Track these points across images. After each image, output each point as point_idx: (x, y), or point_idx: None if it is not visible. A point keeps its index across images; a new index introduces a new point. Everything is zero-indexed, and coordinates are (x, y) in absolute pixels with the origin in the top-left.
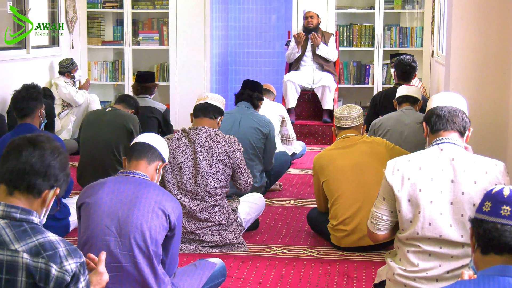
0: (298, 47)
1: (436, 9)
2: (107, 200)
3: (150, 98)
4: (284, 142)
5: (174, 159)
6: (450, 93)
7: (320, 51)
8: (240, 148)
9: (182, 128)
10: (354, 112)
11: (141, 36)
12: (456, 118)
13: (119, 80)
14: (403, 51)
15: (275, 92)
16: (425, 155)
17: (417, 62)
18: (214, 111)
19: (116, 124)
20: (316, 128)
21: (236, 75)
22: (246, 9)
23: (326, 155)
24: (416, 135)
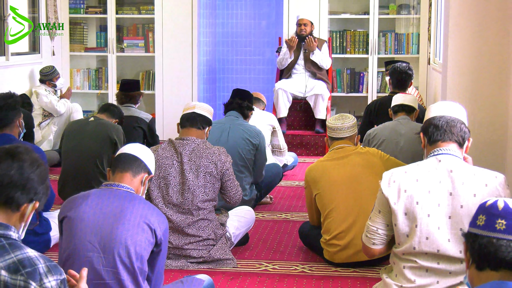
0: (290, 52)
1: (433, 14)
2: (90, 214)
3: (135, 108)
4: (275, 153)
5: (160, 171)
6: (449, 102)
7: (315, 57)
8: (229, 160)
9: (168, 139)
10: (347, 122)
11: (126, 42)
12: (454, 128)
13: (102, 88)
14: (399, 58)
15: (266, 101)
16: (423, 166)
17: (413, 69)
18: (202, 121)
19: (99, 134)
20: (308, 139)
21: (224, 83)
22: (235, 14)
23: (318, 167)
24: (412, 146)
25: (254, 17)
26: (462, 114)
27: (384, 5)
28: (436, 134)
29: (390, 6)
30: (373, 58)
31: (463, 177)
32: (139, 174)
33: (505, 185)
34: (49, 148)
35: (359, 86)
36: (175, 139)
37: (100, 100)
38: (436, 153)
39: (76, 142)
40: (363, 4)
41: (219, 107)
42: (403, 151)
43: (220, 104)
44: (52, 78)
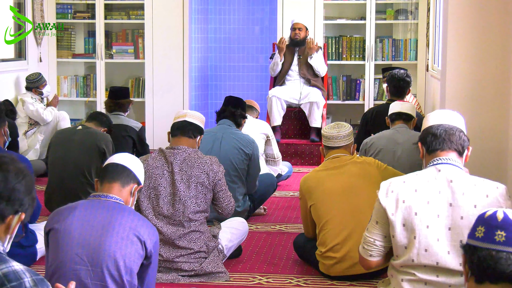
0: (280, 55)
1: (431, 20)
2: (77, 226)
3: (124, 116)
4: (269, 162)
5: (150, 181)
6: (446, 110)
7: (313, 60)
8: (222, 170)
9: (159, 148)
10: (343, 130)
11: (115, 48)
12: (453, 136)
13: (90, 96)
14: (396, 65)
15: (259, 109)
16: (421, 176)
17: (411, 76)
18: (194, 130)
19: (87, 143)
20: (303, 148)
21: (217, 91)
22: (227, 20)
23: (313, 177)
24: (410, 155)
25: (247, 23)
26: (461, 122)
27: (381, 10)
28: (434, 143)
29: (387, 11)
30: (370, 65)
31: (463, 188)
32: (128, 185)
33: (507, 196)
34: (35, 157)
35: (355, 93)
36: (165, 148)
37: (88, 108)
38: (436, 163)
39: (63, 152)
40: (360, 9)
41: (211, 115)
42: (401, 160)
43: (212, 112)
44: (39, 85)
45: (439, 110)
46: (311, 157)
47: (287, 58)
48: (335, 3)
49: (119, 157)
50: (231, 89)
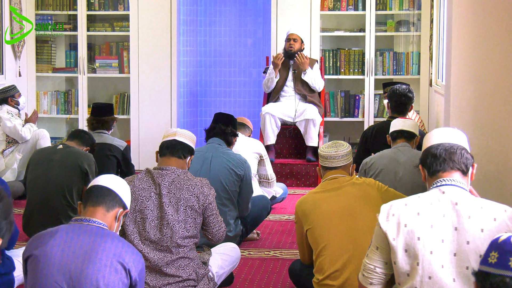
0: (275, 70)
1: (434, 32)
2: (58, 252)
3: (108, 134)
4: (263, 184)
5: (136, 204)
6: (446, 128)
7: (307, 76)
8: (212, 193)
9: (145, 169)
10: (341, 149)
11: (98, 62)
12: (455, 155)
13: (72, 113)
14: (398, 80)
15: (252, 126)
16: (424, 198)
17: (413, 92)
18: (183, 150)
19: (68, 163)
20: (298, 168)
21: (206, 107)
22: (218, 32)
23: (310, 199)
24: (412, 176)
25: (239, 35)
26: (462, 139)
27: (381, 22)
28: (435, 164)
29: (388, 22)
30: (370, 80)
31: (469, 211)
32: (113, 209)
33: None
34: (13, 178)
35: (354, 110)
36: (153, 169)
37: (70, 125)
38: (439, 184)
39: (42, 172)
40: (359, 21)
41: (200, 133)
42: (403, 181)
43: (201, 129)
44: (14, 94)
45: (439, 128)
46: (307, 178)
47: (282, 73)
48: (333, 14)
49: (105, 179)
50: (222, 105)
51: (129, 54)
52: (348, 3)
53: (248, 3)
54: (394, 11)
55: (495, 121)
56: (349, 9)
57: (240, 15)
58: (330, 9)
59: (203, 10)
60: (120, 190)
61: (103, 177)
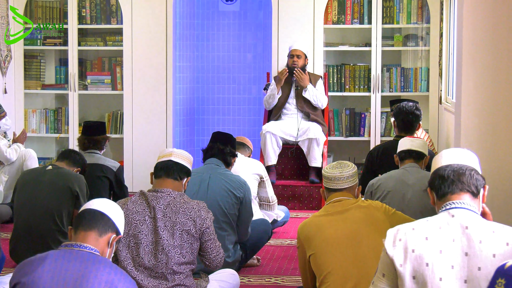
0: (278, 87)
1: (444, 46)
2: (47, 280)
3: (100, 154)
4: (263, 207)
5: (129, 228)
6: (455, 149)
7: (308, 93)
8: (210, 217)
9: (139, 191)
10: (346, 170)
11: (89, 78)
12: (463, 176)
13: (62, 132)
14: (406, 97)
15: (252, 146)
16: (433, 222)
17: (421, 109)
18: (180, 171)
19: (58, 185)
20: (301, 190)
21: (204, 126)
22: (216, 46)
23: (313, 223)
24: (421, 198)
25: (238, 50)
26: (473, 160)
27: (388, 36)
28: (443, 186)
29: (395, 36)
30: (376, 97)
31: (480, 235)
32: (106, 234)
33: None
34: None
35: (360, 129)
36: (147, 191)
37: (59, 145)
38: (449, 207)
39: (30, 195)
40: (364, 35)
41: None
42: (411, 204)
43: (198, 149)
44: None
45: (448, 149)
46: (311, 200)
47: (284, 89)
48: (337, 28)
49: (97, 203)
50: (220, 124)
51: (122, 70)
52: (353, 17)
53: (247, 17)
54: (401, 24)
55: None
56: (354, 22)
57: (240, 29)
58: (334, 23)
59: (200, 24)
60: (113, 215)
61: (96, 201)
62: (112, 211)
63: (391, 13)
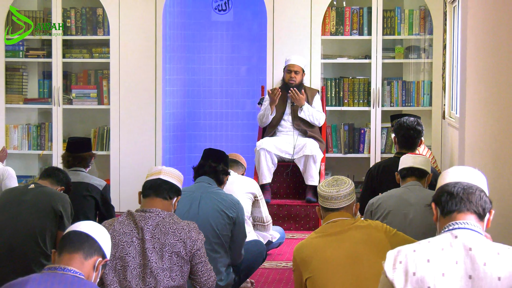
0: (271, 107)
1: (448, 59)
2: None
3: (85, 172)
4: (257, 227)
5: (116, 250)
6: (465, 167)
7: (304, 113)
8: (201, 238)
9: (127, 211)
10: (344, 188)
11: (74, 92)
12: (473, 196)
13: (45, 148)
14: (407, 111)
15: (245, 164)
16: (435, 243)
17: (422, 125)
18: (169, 190)
19: (41, 205)
20: (297, 210)
21: (195, 142)
22: (208, 58)
23: (310, 245)
24: (424, 218)
25: (231, 62)
26: (482, 181)
27: (389, 48)
28: (450, 203)
29: (396, 48)
30: (376, 111)
31: (485, 257)
32: (91, 257)
33: None
34: None
35: (359, 145)
36: (135, 211)
37: (43, 162)
38: (452, 228)
39: (12, 215)
40: (364, 47)
41: (188, 171)
42: (413, 224)
43: (189, 167)
44: None
45: (457, 166)
46: (307, 220)
47: (279, 105)
48: (335, 39)
49: (83, 225)
50: (212, 140)
51: (109, 83)
52: (352, 27)
53: (241, 27)
54: (403, 36)
55: None
56: (353, 33)
57: (233, 40)
58: (332, 34)
59: (191, 35)
60: (100, 238)
61: (82, 223)
62: (98, 234)
63: (392, 24)
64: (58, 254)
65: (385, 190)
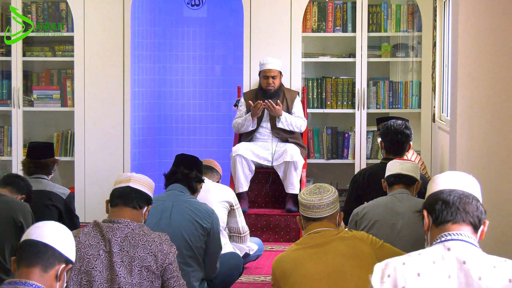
0: (253, 118)
1: (438, 57)
2: None
3: (48, 180)
4: (233, 239)
5: (82, 263)
6: (459, 173)
7: (282, 124)
8: (173, 251)
9: (93, 222)
10: (326, 196)
11: (36, 93)
12: (469, 206)
13: (4, 154)
14: (395, 114)
15: (221, 170)
16: (426, 256)
17: (411, 128)
18: (139, 199)
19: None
20: (277, 220)
21: (166, 147)
22: (180, 57)
23: (290, 258)
24: (413, 229)
25: (205, 61)
26: (476, 189)
27: (374, 46)
28: (445, 212)
29: (382, 46)
30: (361, 114)
31: (480, 270)
32: (52, 267)
33: None
34: None
35: (343, 150)
36: (102, 221)
37: (1, 169)
38: (444, 239)
39: None
40: (348, 44)
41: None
42: (402, 235)
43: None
44: None
45: (451, 171)
46: (287, 231)
47: None
48: (317, 37)
49: (39, 230)
50: (185, 145)
51: (73, 84)
52: (335, 24)
53: (216, 24)
54: (389, 33)
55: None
56: (336, 30)
57: (207, 37)
58: (314, 31)
59: (161, 32)
60: (60, 243)
61: (37, 227)
62: (57, 239)
63: (378, 20)
64: (17, 267)
65: (371, 198)
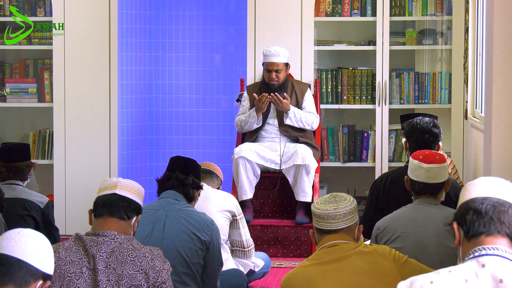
0: (257, 114)
1: (470, 45)
2: None
3: (23, 186)
4: (236, 253)
5: (62, 283)
6: (493, 178)
7: (290, 120)
8: (167, 268)
9: (75, 234)
10: (343, 206)
11: (9, 87)
12: (505, 215)
13: None
14: (421, 110)
15: (222, 175)
16: (457, 274)
17: (440, 126)
18: (127, 208)
19: None
20: (286, 232)
21: (158, 149)
22: (175, 45)
23: (301, 275)
24: (441, 244)
25: (204, 50)
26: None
27: (398, 31)
28: (477, 223)
29: (407, 32)
30: (383, 110)
31: None
32: (28, 285)
33: None
34: None
35: (361, 152)
36: (85, 234)
37: None
38: (478, 254)
39: None
40: (367, 30)
41: (150, 184)
42: (428, 250)
43: (152, 179)
44: None
45: (484, 177)
46: (298, 245)
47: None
48: (332, 21)
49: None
50: (180, 146)
51: (51, 76)
52: (353, 6)
53: (215, 7)
54: (415, 17)
55: None
56: (353, 14)
57: (205, 23)
58: (328, 15)
59: (153, 16)
60: (35, 257)
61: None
62: (32, 253)
63: (402, 2)
64: None
65: (394, 207)
